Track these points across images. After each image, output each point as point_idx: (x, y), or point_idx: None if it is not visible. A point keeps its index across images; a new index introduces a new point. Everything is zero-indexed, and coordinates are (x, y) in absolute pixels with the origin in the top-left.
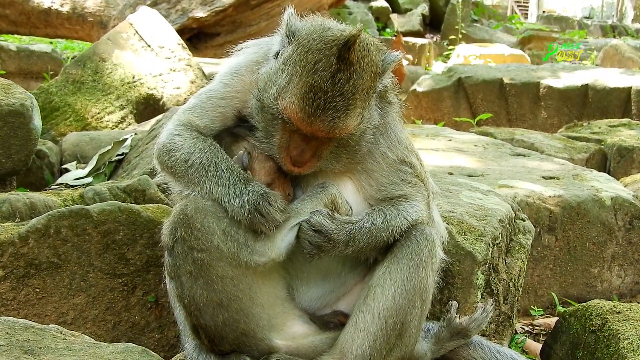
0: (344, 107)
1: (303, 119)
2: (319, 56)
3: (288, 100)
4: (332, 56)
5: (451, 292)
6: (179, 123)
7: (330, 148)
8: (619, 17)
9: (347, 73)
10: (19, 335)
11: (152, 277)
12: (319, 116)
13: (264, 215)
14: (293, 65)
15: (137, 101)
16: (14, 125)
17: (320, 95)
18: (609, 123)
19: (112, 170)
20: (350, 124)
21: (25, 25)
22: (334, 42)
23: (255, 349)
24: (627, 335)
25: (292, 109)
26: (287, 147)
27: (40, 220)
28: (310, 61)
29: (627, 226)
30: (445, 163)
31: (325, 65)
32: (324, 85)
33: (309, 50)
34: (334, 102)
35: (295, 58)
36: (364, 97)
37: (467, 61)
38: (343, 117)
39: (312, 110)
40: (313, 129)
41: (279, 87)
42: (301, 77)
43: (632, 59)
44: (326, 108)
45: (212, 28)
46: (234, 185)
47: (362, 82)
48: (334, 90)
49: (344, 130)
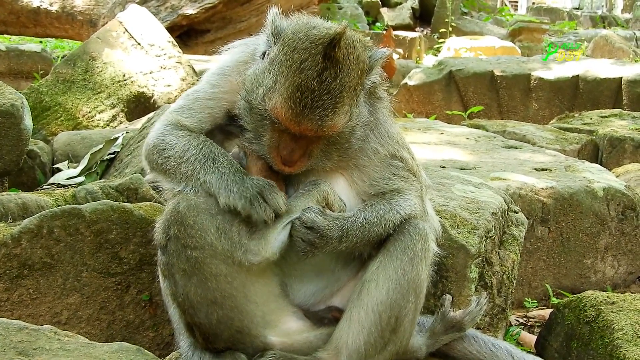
0: (331, 105)
1: (291, 118)
2: (304, 55)
3: (275, 101)
4: (317, 55)
5: (445, 286)
6: (168, 123)
7: (320, 146)
8: (608, 7)
9: (334, 71)
10: (12, 336)
11: (146, 276)
12: (306, 115)
13: (267, 199)
14: (279, 65)
15: (128, 99)
16: (5, 126)
17: (308, 94)
18: (600, 114)
19: (104, 169)
20: (339, 122)
21: (14, 25)
22: (320, 41)
23: (250, 346)
24: (622, 326)
25: (280, 109)
26: (276, 147)
27: (32, 220)
28: (296, 60)
29: (619, 216)
30: (438, 156)
31: (312, 64)
32: (311, 84)
33: (294, 50)
34: (322, 100)
35: (281, 58)
36: (352, 94)
37: (457, 54)
38: (331, 115)
39: (300, 109)
40: (301, 128)
41: (265, 87)
42: (287, 77)
43: (622, 49)
44: (314, 107)
45: (202, 25)
46: (235, 174)
47: (349, 79)
48: (321, 89)
49: (332, 128)
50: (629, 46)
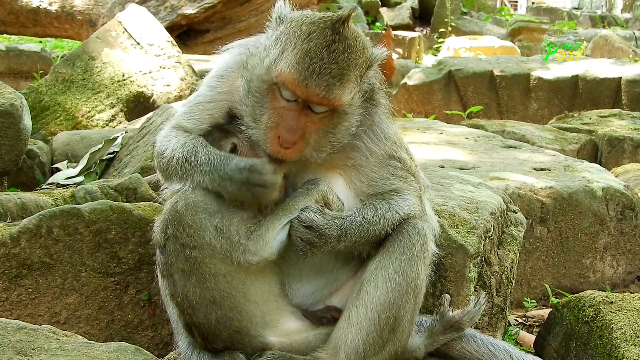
0: (338, 75)
1: (299, 81)
2: (313, 27)
3: (282, 66)
4: (326, 29)
5: (444, 286)
6: (170, 128)
7: (318, 132)
8: (608, 7)
9: (342, 45)
10: (11, 336)
11: (145, 276)
12: (314, 79)
13: (261, 184)
14: (287, 36)
15: (127, 99)
16: (4, 126)
17: (316, 60)
18: (599, 113)
19: (103, 169)
20: (344, 95)
21: (14, 25)
22: (328, 18)
23: (249, 345)
24: (620, 326)
25: (288, 73)
26: (275, 127)
27: (31, 220)
28: (305, 31)
29: (618, 216)
30: (437, 156)
31: (320, 35)
32: (320, 52)
33: (302, 24)
34: (330, 68)
35: (289, 31)
36: (356, 74)
37: (457, 54)
38: (338, 84)
39: (309, 73)
40: (309, 92)
41: (272, 58)
42: (296, 45)
43: (621, 49)
44: (322, 73)
45: (202, 25)
46: (217, 169)
47: (355, 57)
48: (329, 58)
49: (338, 99)
50: (629, 46)
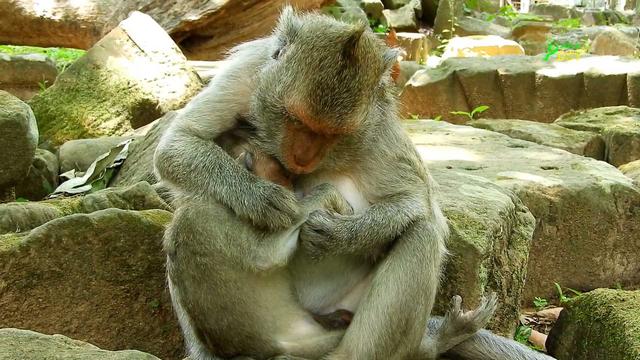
0: (350, 103)
1: (311, 116)
2: (324, 53)
3: (295, 98)
4: (337, 53)
5: (454, 287)
6: (178, 129)
7: (333, 146)
8: (611, 4)
9: (353, 69)
10: (23, 346)
11: (155, 283)
12: (327, 113)
13: (279, 207)
14: (298, 63)
15: (132, 107)
16: (11, 136)
17: (328, 92)
18: (605, 111)
19: (110, 177)
20: (357, 119)
21: (18, 35)
22: (338, 39)
23: (261, 351)
24: (632, 323)
25: (300, 107)
26: (290, 146)
27: (40, 229)
28: (315, 58)
29: (627, 213)
30: (444, 157)
31: (331, 61)
32: (331, 82)
33: (313, 48)
34: (341, 98)
35: (300, 55)
36: (369, 92)
37: (461, 54)
38: (350, 113)
39: (320, 107)
40: (321, 125)
41: (284, 85)
42: (307, 74)
43: (625, 45)
44: (334, 105)
45: (205, 31)
46: (241, 183)
47: (367, 77)
48: (340, 87)
49: (351, 126)
50: (633, 42)
